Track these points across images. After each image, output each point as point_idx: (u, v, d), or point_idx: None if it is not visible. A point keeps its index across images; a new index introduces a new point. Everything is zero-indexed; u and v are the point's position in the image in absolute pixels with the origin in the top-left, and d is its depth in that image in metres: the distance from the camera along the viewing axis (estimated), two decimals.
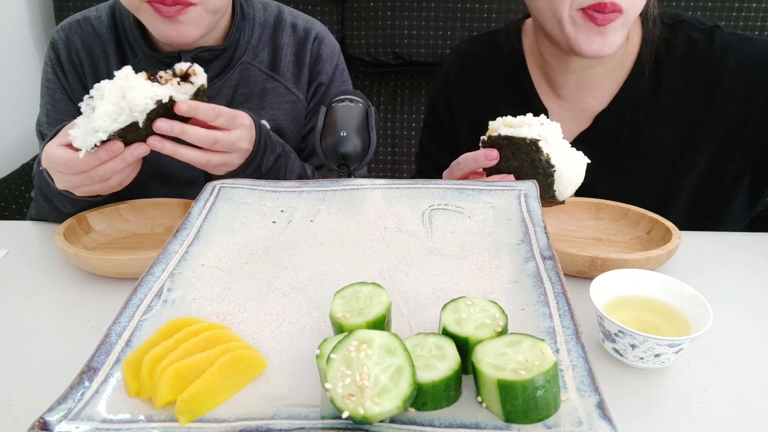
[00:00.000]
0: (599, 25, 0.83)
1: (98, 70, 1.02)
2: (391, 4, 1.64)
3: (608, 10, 0.81)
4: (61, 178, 0.80)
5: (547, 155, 0.76)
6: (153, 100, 0.74)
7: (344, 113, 0.77)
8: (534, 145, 0.76)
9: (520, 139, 0.77)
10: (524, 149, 0.77)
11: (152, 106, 0.75)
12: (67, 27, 1.03)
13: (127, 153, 0.77)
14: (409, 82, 1.72)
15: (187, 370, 0.44)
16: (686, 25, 0.95)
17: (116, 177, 0.80)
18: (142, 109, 0.74)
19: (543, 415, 0.40)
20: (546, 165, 0.76)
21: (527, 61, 1.03)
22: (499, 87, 1.05)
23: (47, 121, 1.04)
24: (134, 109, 0.74)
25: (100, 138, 0.74)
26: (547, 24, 0.88)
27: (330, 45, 1.12)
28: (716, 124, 0.93)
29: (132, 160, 0.78)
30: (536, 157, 0.76)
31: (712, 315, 0.60)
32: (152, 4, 0.84)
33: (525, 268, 0.57)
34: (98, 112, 0.73)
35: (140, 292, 0.54)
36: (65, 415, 0.41)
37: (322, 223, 0.67)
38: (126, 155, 0.77)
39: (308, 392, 0.45)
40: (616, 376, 0.61)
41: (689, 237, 0.84)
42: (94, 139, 0.74)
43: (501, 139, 0.79)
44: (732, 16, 1.57)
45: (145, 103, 0.74)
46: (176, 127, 0.77)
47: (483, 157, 0.80)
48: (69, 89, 1.03)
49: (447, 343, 0.45)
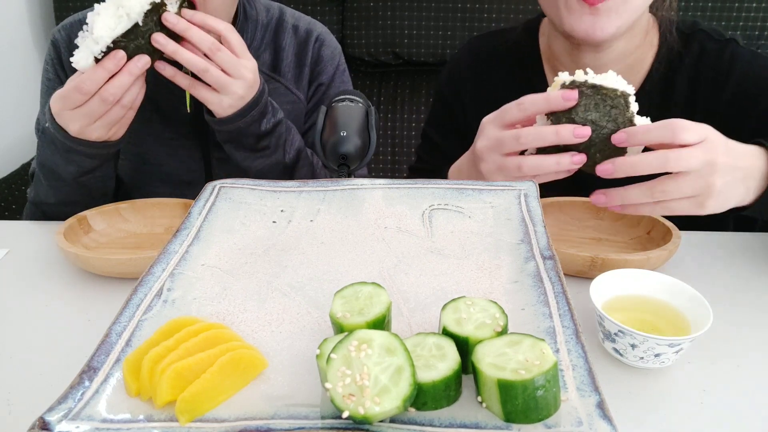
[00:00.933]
0: (591, 5, 0.82)
1: None
2: (391, 4, 1.64)
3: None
4: (74, 116, 0.82)
5: (632, 113, 0.71)
6: (147, 1, 0.79)
7: (344, 113, 0.77)
8: (624, 98, 0.70)
9: (611, 90, 0.70)
10: (610, 101, 0.70)
11: (147, 6, 0.79)
12: (68, 26, 1.03)
13: (132, 65, 0.80)
14: (409, 82, 1.72)
15: (187, 369, 0.44)
16: (702, 35, 0.95)
17: (127, 95, 0.82)
18: (139, 10, 0.79)
19: (543, 415, 0.40)
20: (628, 123, 0.71)
21: (543, 60, 1.02)
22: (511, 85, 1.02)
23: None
24: (131, 12, 0.78)
25: (101, 48, 0.78)
26: (546, 8, 0.88)
27: (331, 46, 1.12)
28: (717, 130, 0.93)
29: (138, 72, 0.81)
30: (621, 112, 0.70)
31: (712, 315, 0.60)
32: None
33: (525, 268, 0.57)
34: (98, 25, 0.77)
35: (140, 291, 0.54)
36: (65, 415, 0.41)
37: (322, 223, 0.67)
38: (131, 67, 0.80)
39: (308, 392, 0.45)
40: (616, 376, 0.61)
41: (689, 237, 0.84)
42: (97, 48, 0.78)
43: (586, 86, 0.71)
44: (732, 16, 1.57)
45: (141, 4, 0.79)
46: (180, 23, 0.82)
47: (561, 96, 0.71)
48: None
49: (447, 343, 0.44)
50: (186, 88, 0.87)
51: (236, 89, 0.87)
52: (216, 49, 0.84)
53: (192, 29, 0.82)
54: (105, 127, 0.84)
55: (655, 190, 0.70)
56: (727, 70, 0.93)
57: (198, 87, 0.86)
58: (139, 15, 0.79)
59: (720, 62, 0.93)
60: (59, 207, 0.94)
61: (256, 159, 0.96)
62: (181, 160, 1.06)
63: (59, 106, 0.82)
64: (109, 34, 0.78)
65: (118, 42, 0.79)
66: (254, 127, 0.92)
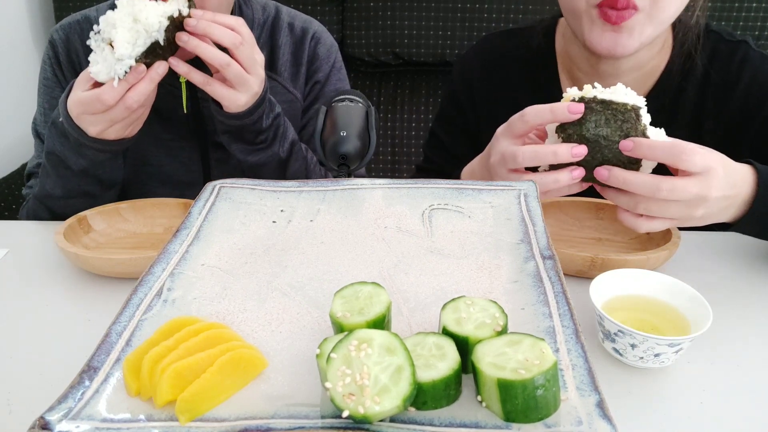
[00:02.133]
0: (613, 24, 0.81)
1: None
2: (391, 4, 1.64)
3: (621, 6, 0.79)
4: (95, 120, 0.82)
5: (644, 126, 0.71)
6: (165, 16, 0.78)
7: (344, 113, 0.77)
8: (635, 111, 0.70)
9: (621, 105, 0.70)
10: (621, 116, 0.70)
11: (166, 23, 0.78)
12: (66, 26, 1.03)
13: (153, 72, 0.81)
14: (409, 82, 1.72)
15: (188, 369, 0.44)
16: (714, 35, 0.94)
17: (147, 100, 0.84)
18: (158, 27, 0.78)
19: (543, 415, 0.40)
20: (641, 136, 0.70)
21: (558, 63, 1.01)
22: (524, 86, 1.02)
23: (44, 120, 1.04)
24: (150, 29, 0.78)
25: (126, 66, 0.78)
26: (569, 20, 0.87)
27: (327, 44, 1.12)
28: (723, 134, 0.93)
29: (158, 78, 0.82)
30: (633, 126, 0.70)
31: (711, 315, 0.60)
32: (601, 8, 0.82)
33: (525, 267, 0.57)
34: (118, 41, 0.77)
35: (140, 291, 0.54)
36: (65, 415, 0.41)
37: (322, 223, 0.67)
38: (152, 74, 0.81)
39: (308, 391, 0.45)
40: (616, 375, 0.61)
41: (689, 237, 0.84)
42: (122, 67, 0.78)
43: (595, 102, 0.71)
44: (732, 17, 1.57)
45: (159, 21, 0.78)
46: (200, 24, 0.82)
47: (567, 109, 0.71)
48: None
49: (447, 343, 0.45)
50: (201, 85, 0.86)
51: (252, 85, 0.87)
52: (239, 43, 0.84)
53: (213, 26, 0.82)
54: (124, 128, 0.86)
55: (639, 206, 0.71)
56: (736, 75, 0.92)
57: (213, 84, 0.86)
58: (158, 33, 0.78)
59: (730, 66, 0.92)
60: (66, 200, 0.94)
61: (252, 152, 0.96)
62: (180, 161, 1.06)
63: (79, 110, 0.83)
64: (130, 53, 0.78)
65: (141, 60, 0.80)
66: (258, 124, 0.92)
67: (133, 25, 0.77)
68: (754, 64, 0.92)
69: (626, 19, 0.81)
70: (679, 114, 0.95)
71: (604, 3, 0.80)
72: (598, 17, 0.82)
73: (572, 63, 0.98)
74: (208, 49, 0.83)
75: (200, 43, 0.83)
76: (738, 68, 0.92)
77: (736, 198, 0.72)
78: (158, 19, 0.78)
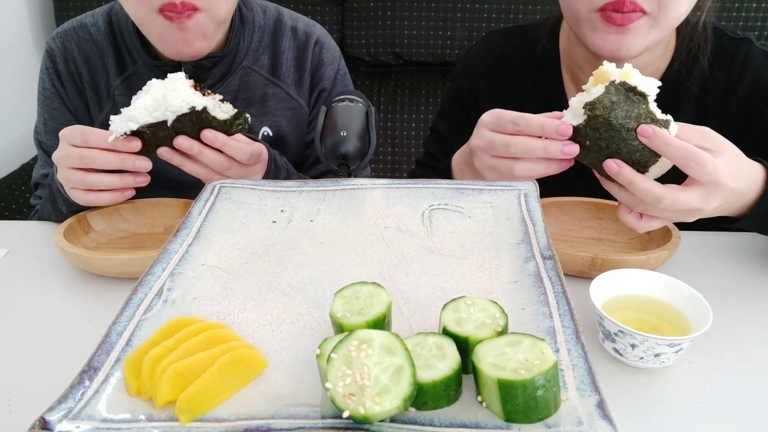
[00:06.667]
0: (619, 26, 0.80)
1: (96, 77, 1.01)
2: (391, 4, 1.64)
3: (627, 9, 0.78)
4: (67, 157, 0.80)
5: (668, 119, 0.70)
6: (188, 105, 0.78)
7: (344, 113, 0.77)
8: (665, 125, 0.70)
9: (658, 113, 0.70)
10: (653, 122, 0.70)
11: (185, 110, 0.78)
12: (63, 34, 1.01)
13: (129, 158, 0.80)
14: (409, 82, 1.73)
15: (188, 369, 0.44)
16: (717, 32, 0.94)
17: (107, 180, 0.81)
18: (175, 110, 0.78)
19: (543, 415, 0.41)
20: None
21: (561, 64, 1.00)
22: (527, 84, 1.02)
23: (45, 130, 1.03)
24: (169, 108, 0.78)
25: (131, 127, 0.78)
26: (570, 24, 0.87)
27: (331, 49, 1.11)
28: (725, 134, 0.93)
29: (129, 166, 0.81)
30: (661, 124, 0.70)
31: (712, 315, 0.60)
32: (163, 13, 0.84)
33: (525, 267, 0.57)
34: (137, 103, 0.78)
35: (140, 291, 0.54)
36: (66, 415, 0.41)
37: (322, 223, 0.67)
38: (127, 158, 0.80)
39: (308, 392, 0.45)
40: (616, 376, 0.61)
41: (689, 237, 0.84)
42: (125, 127, 0.78)
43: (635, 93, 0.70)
44: (732, 17, 1.57)
45: (180, 105, 0.78)
46: (195, 146, 0.80)
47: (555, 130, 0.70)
48: (66, 98, 1.02)
49: (447, 343, 0.45)
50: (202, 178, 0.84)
51: (255, 172, 0.88)
52: (228, 167, 0.83)
53: (230, 143, 0.81)
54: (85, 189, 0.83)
55: (638, 207, 0.72)
56: (739, 73, 0.92)
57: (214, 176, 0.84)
58: (173, 114, 0.78)
59: (733, 64, 0.92)
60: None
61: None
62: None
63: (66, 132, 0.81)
64: (142, 118, 0.78)
65: (144, 130, 0.79)
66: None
67: (160, 98, 0.78)
68: (758, 62, 0.92)
69: (633, 21, 0.80)
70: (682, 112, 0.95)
71: (607, 7, 0.79)
72: (600, 21, 0.82)
73: (575, 64, 0.98)
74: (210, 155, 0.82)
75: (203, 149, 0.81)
76: (741, 66, 0.92)
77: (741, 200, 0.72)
78: (180, 103, 0.78)
